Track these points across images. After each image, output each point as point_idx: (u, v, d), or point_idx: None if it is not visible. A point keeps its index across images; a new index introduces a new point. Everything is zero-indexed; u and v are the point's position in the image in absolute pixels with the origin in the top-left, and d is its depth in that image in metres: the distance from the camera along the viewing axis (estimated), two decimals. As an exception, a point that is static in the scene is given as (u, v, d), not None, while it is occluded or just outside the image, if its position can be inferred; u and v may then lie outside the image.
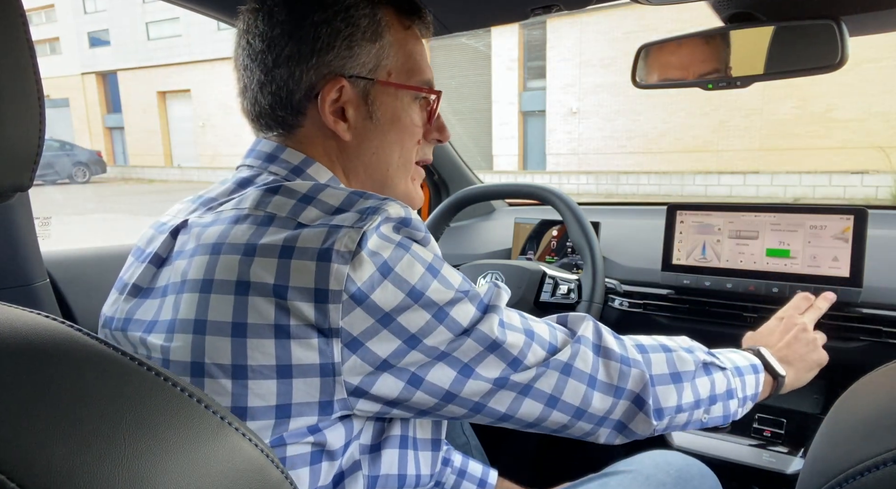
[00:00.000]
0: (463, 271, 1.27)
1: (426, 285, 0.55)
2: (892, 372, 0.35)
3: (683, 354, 0.70)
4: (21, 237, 0.94)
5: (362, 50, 0.64)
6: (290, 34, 0.62)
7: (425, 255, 0.57)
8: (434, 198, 1.85)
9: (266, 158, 0.65)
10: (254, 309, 0.51)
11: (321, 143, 0.66)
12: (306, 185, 0.59)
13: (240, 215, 0.57)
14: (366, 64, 0.64)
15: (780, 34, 0.93)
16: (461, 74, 15.49)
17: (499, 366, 0.58)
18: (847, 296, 1.03)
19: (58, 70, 21.76)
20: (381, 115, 0.66)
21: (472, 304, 0.58)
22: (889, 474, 0.28)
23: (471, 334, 0.56)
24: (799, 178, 10.80)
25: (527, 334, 0.60)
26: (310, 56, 0.62)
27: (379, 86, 0.65)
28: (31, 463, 0.26)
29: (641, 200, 9.84)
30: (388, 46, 0.65)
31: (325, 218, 0.55)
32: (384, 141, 0.67)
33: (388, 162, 0.69)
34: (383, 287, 0.53)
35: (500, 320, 0.58)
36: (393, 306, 0.53)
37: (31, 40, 0.37)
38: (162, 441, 0.30)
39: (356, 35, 0.63)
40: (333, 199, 0.57)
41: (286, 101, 0.64)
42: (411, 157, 0.71)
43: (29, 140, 0.38)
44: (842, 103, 10.98)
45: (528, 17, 1.04)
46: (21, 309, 0.35)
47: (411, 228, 0.57)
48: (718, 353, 0.75)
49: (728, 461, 1.02)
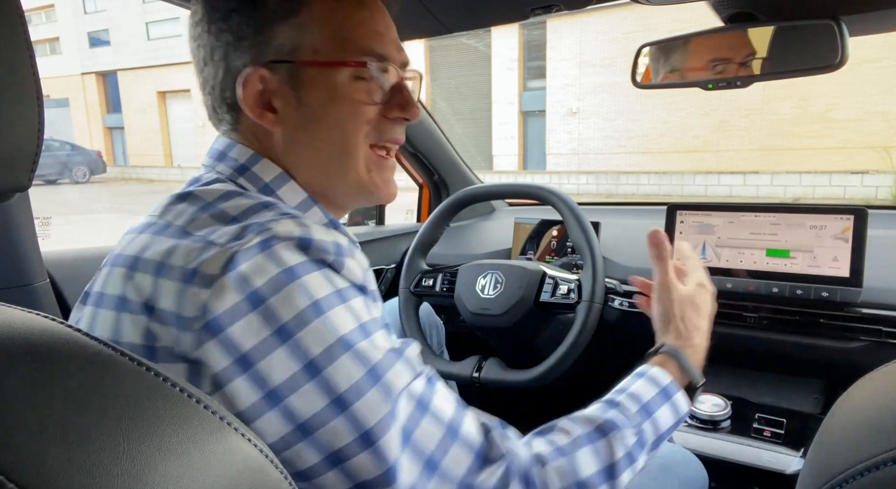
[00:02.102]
0: (463, 271, 1.27)
1: (301, 324, 0.46)
2: (892, 372, 0.35)
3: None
4: (21, 237, 0.94)
5: (275, 31, 0.58)
6: (208, 30, 0.59)
7: (322, 285, 0.48)
8: (434, 198, 1.85)
9: (217, 156, 0.62)
10: (127, 327, 0.48)
11: (264, 137, 0.61)
12: (218, 191, 0.55)
13: (146, 224, 0.55)
14: (283, 46, 0.58)
15: (780, 34, 0.93)
16: (461, 74, 15.49)
17: (369, 469, 0.46)
18: (847, 296, 1.03)
19: (58, 70, 21.76)
20: (311, 100, 0.59)
21: (357, 367, 0.47)
22: (889, 474, 0.28)
23: (343, 412, 0.46)
24: (799, 177, 10.80)
25: (403, 438, 0.48)
26: (227, 48, 0.58)
27: (304, 68, 0.58)
28: (30, 463, 0.26)
29: (641, 200, 9.83)
30: (308, 21, 0.58)
31: (212, 229, 0.50)
32: (320, 128, 0.60)
33: (327, 151, 0.61)
34: (246, 321, 0.45)
35: (390, 411, 0.47)
36: (252, 346, 0.45)
37: (30, 40, 0.37)
38: (161, 441, 0.30)
39: (265, 17, 0.58)
40: (235, 208, 0.52)
41: (220, 98, 0.60)
42: (358, 142, 0.62)
43: (28, 140, 0.37)
44: (842, 103, 10.98)
45: (528, 17, 1.03)
46: (21, 309, 0.35)
47: (316, 249, 0.49)
48: (631, 411, 0.64)
49: (728, 461, 1.01)
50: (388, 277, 1.69)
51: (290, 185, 0.61)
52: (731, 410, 1.08)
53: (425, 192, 1.88)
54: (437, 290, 1.30)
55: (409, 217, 1.97)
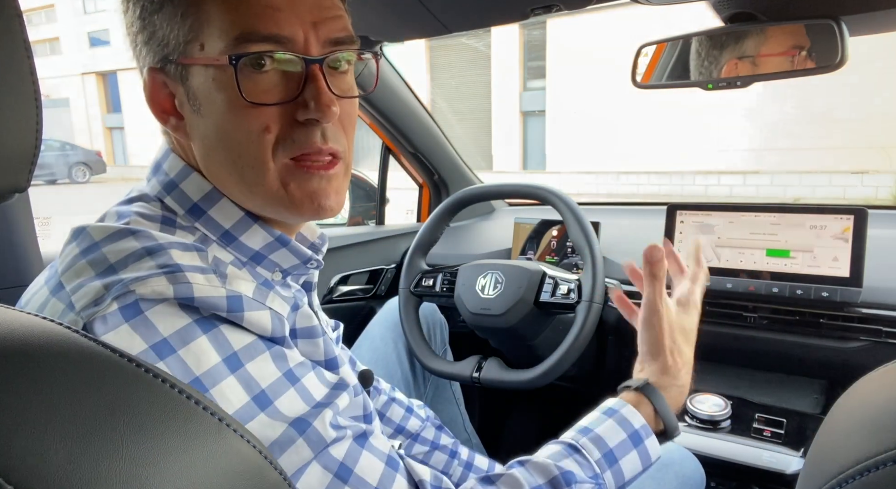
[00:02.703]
0: (463, 271, 1.27)
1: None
2: (892, 372, 0.35)
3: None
4: (21, 237, 0.94)
5: (160, 28, 0.50)
6: (128, 35, 0.54)
7: (208, 353, 0.42)
8: (434, 198, 1.85)
9: (153, 168, 0.56)
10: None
11: (188, 148, 0.55)
12: (108, 229, 0.48)
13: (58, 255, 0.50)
14: (169, 43, 0.50)
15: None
16: (461, 74, 15.49)
17: None
18: (847, 296, 1.03)
19: (58, 70, 21.76)
20: (206, 104, 0.51)
21: (255, 445, 0.38)
22: (889, 474, 0.28)
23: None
24: (799, 178, 10.80)
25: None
26: (136, 51, 0.53)
27: (189, 67, 0.50)
28: (28, 465, 0.26)
29: (641, 200, 9.79)
30: (187, 14, 0.49)
31: (80, 281, 0.44)
32: (224, 136, 0.51)
33: (231, 162, 0.52)
34: None
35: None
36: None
37: (28, 40, 0.37)
38: (159, 442, 0.29)
39: (146, 13, 0.51)
40: (116, 254, 0.45)
41: (150, 104, 0.54)
42: (258, 152, 0.51)
43: (26, 140, 0.37)
44: (842, 103, 10.97)
45: (528, 17, 1.03)
46: (20, 310, 0.35)
47: (203, 306, 0.43)
48: (593, 456, 0.60)
49: (728, 461, 1.01)
50: (388, 277, 1.69)
51: (223, 204, 0.53)
52: (731, 410, 1.08)
53: (425, 192, 1.88)
54: (437, 290, 1.30)
55: (409, 217, 1.97)
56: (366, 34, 1.24)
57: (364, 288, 1.65)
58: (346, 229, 1.70)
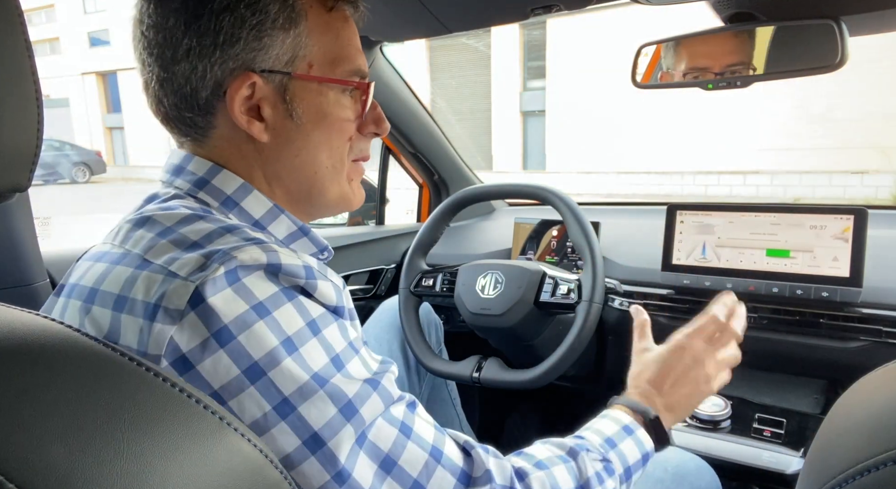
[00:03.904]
0: (463, 271, 1.27)
1: (272, 363, 0.45)
2: (892, 372, 0.35)
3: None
4: (21, 237, 0.94)
5: (274, 40, 0.56)
6: (188, 24, 0.54)
7: (294, 318, 0.47)
8: (434, 198, 1.85)
9: (174, 171, 0.59)
10: None
11: (237, 145, 0.59)
12: (178, 215, 0.52)
13: (104, 251, 0.53)
14: (280, 56, 0.56)
15: (780, 34, 0.93)
16: (461, 74, 15.48)
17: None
18: (847, 296, 1.03)
19: (58, 70, 21.76)
20: (302, 112, 0.58)
21: (330, 404, 0.46)
22: (889, 474, 0.28)
23: (318, 451, 0.45)
24: (799, 178, 10.79)
25: (384, 467, 0.48)
26: (213, 49, 0.54)
27: (298, 80, 0.57)
28: (30, 463, 0.26)
29: (641, 200, 9.79)
30: (306, 34, 0.57)
31: (172, 255, 0.48)
32: (308, 141, 0.59)
33: (314, 164, 0.61)
34: (215, 359, 0.44)
35: (358, 437, 0.47)
36: (222, 385, 0.44)
37: (29, 40, 0.37)
38: (160, 441, 0.30)
39: (265, 24, 0.55)
40: (196, 233, 0.49)
41: (191, 99, 0.56)
42: (343, 157, 0.63)
43: (27, 140, 0.37)
44: (842, 103, 10.97)
45: (528, 17, 1.04)
46: (20, 310, 0.35)
47: (287, 274, 0.48)
48: (596, 443, 0.65)
49: (728, 461, 1.01)
50: (388, 277, 1.69)
51: (254, 196, 0.59)
52: (731, 410, 1.08)
53: (425, 192, 1.88)
54: (437, 290, 1.30)
55: (409, 217, 1.97)
56: (366, 34, 1.24)
57: (364, 288, 1.65)
58: (346, 229, 1.70)
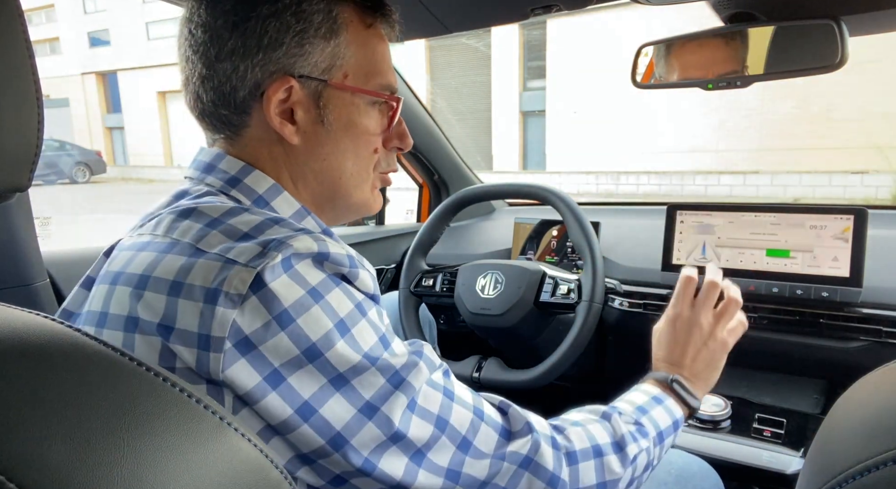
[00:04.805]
0: (463, 271, 1.27)
1: (329, 344, 0.48)
2: (892, 372, 0.35)
3: (612, 459, 0.62)
4: (21, 237, 0.94)
5: (315, 48, 0.59)
6: (235, 26, 0.57)
7: (343, 302, 0.50)
8: (434, 198, 1.85)
9: (204, 169, 0.61)
10: (140, 348, 0.48)
11: (267, 146, 0.61)
12: (222, 207, 0.54)
13: (147, 241, 0.54)
14: (318, 64, 0.59)
15: (780, 34, 0.93)
16: (461, 74, 15.48)
17: (401, 459, 0.51)
18: (847, 296, 1.03)
19: (58, 70, 21.76)
20: (333, 119, 0.61)
21: (382, 377, 0.50)
22: (889, 474, 0.28)
23: (372, 417, 0.49)
24: (799, 177, 10.79)
25: (438, 426, 0.53)
26: (255, 51, 0.57)
27: (332, 88, 0.60)
28: (30, 463, 0.26)
29: (641, 200, 9.80)
30: (344, 46, 0.60)
31: (226, 245, 0.50)
32: (336, 148, 0.62)
33: (340, 170, 0.63)
34: (277, 339, 0.47)
35: (409, 403, 0.51)
36: (282, 363, 0.47)
37: (30, 40, 0.37)
38: (161, 441, 0.30)
39: (308, 32, 0.58)
40: (245, 224, 0.52)
41: (229, 97, 0.59)
42: (368, 166, 0.65)
43: (27, 140, 0.38)
44: (842, 103, 10.97)
45: (528, 17, 1.03)
46: (21, 309, 0.35)
47: (333, 263, 0.51)
48: (628, 410, 0.69)
49: (728, 461, 1.01)
50: (388, 277, 1.69)
51: (284, 197, 0.61)
52: (731, 410, 1.08)
53: (425, 192, 1.88)
54: (437, 290, 1.30)
55: (409, 217, 1.97)
56: (366, 34, 1.23)
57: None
58: (346, 229, 1.70)
